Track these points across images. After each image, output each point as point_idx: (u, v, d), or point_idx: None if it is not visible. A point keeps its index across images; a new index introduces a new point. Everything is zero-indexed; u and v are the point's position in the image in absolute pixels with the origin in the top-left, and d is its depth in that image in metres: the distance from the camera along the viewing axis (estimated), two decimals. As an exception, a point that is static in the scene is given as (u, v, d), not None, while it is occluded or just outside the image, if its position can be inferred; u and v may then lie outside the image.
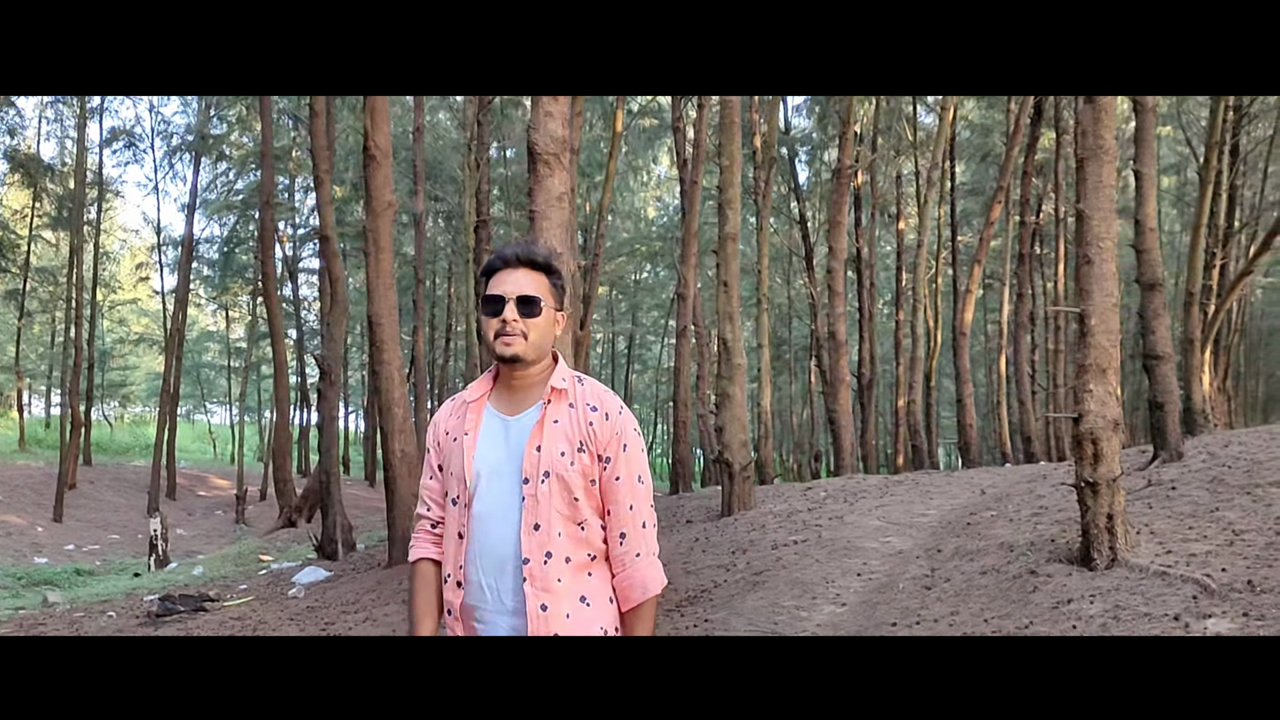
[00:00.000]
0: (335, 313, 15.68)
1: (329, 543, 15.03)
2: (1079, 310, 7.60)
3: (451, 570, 2.66)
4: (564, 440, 2.61)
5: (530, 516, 2.57)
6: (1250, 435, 11.42)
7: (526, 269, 2.68)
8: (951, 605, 7.55)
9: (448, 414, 2.79)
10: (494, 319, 2.64)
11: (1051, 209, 27.00)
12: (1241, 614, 6.03)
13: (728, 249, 12.36)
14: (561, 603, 2.57)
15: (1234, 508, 8.26)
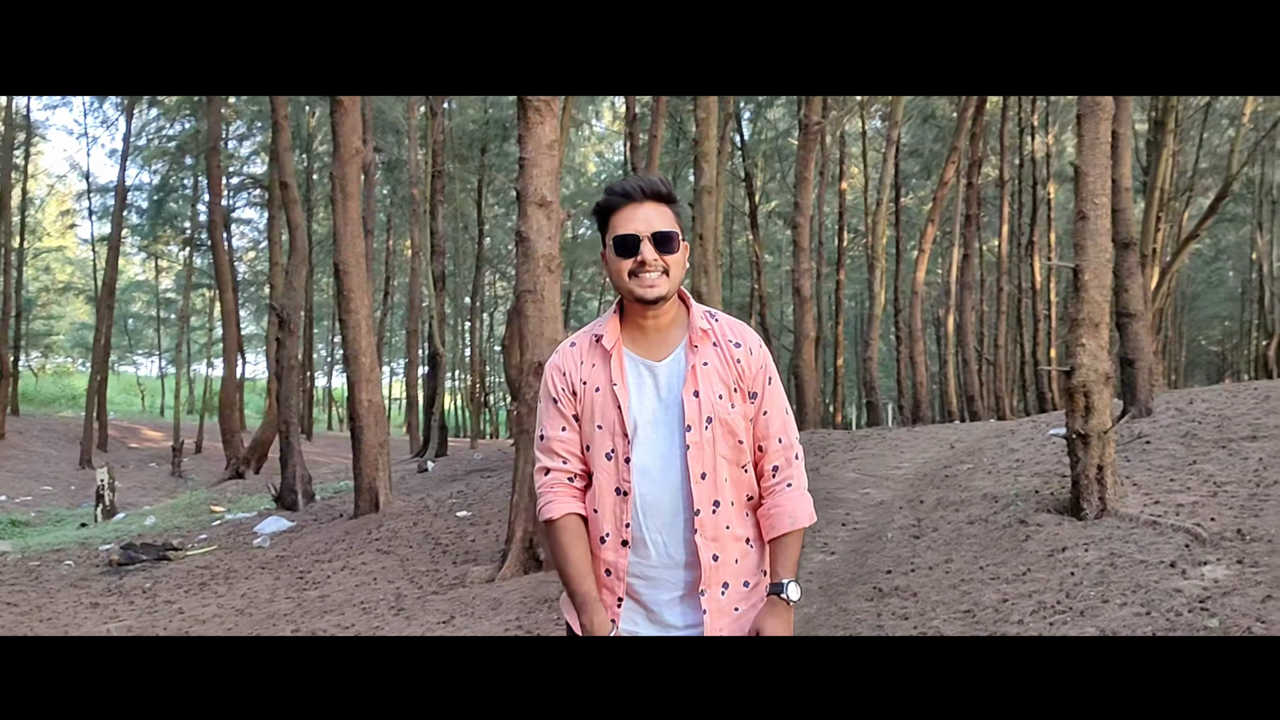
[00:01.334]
0: (294, 261, 15.48)
1: (288, 493, 14.92)
2: (1074, 265, 7.75)
3: (613, 529, 2.49)
4: (719, 382, 2.49)
5: (696, 465, 2.45)
6: (1211, 393, 11.74)
7: (653, 202, 2.51)
8: (943, 553, 7.70)
9: (576, 360, 2.56)
10: (628, 259, 2.46)
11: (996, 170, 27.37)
12: (1236, 561, 6.22)
13: (704, 202, 12.40)
14: (730, 549, 2.49)
15: (1211, 461, 8.50)
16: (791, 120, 30.26)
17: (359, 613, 8.59)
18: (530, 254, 8.86)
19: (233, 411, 22.99)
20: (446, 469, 19.06)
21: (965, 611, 6.36)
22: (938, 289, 33.96)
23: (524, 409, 8.93)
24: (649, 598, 2.51)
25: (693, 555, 2.46)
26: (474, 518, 11.94)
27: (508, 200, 40.66)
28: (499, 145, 33.59)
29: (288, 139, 15.85)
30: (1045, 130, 29.94)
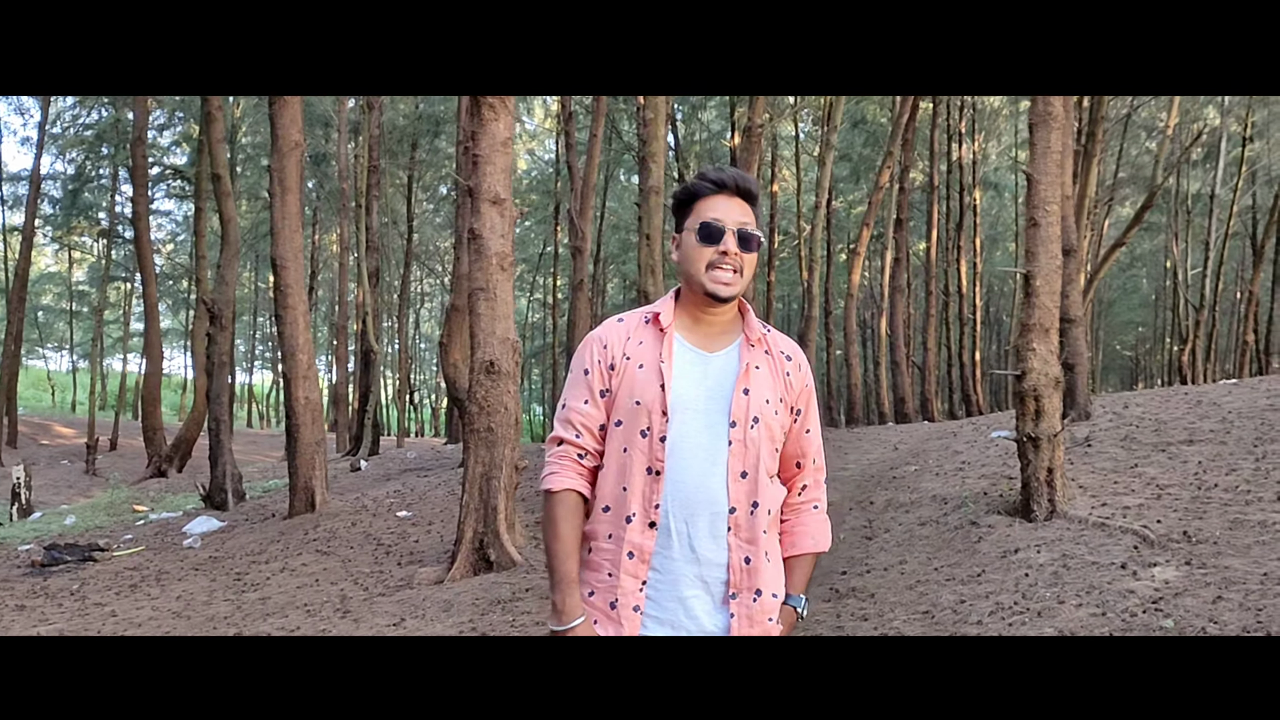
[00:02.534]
0: (227, 255, 15.17)
1: (218, 492, 14.64)
2: (1024, 271, 7.88)
3: (640, 510, 2.38)
4: (768, 388, 2.44)
5: (738, 463, 2.38)
6: (1144, 397, 12.00)
7: (743, 199, 2.46)
8: (897, 554, 7.79)
9: (622, 335, 2.49)
10: (710, 247, 2.40)
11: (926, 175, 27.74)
12: (1184, 562, 6.36)
13: (650, 202, 12.40)
14: (761, 555, 2.40)
15: (1151, 464, 8.69)
16: (724, 123, 30.40)
17: (303, 615, 8.44)
18: (483, 252, 8.79)
19: (156, 408, 22.49)
20: (379, 468, 18.86)
21: (924, 613, 6.42)
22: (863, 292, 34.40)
23: (475, 409, 8.86)
24: (664, 593, 2.39)
25: (715, 553, 2.38)
26: (415, 518, 11.82)
27: (437, 197, 40.42)
28: (430, 141, 33.36)
29: (221, 130, 15.58)
30: (972, 138, 30.43)
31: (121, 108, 28.00)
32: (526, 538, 9.43)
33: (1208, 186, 31.22)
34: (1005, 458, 9.94)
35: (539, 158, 45.33)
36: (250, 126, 31.23)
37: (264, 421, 61.16)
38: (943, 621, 6.19)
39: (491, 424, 8.82)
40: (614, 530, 2.40)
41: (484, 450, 8.85)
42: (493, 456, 8.84)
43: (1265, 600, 5.47)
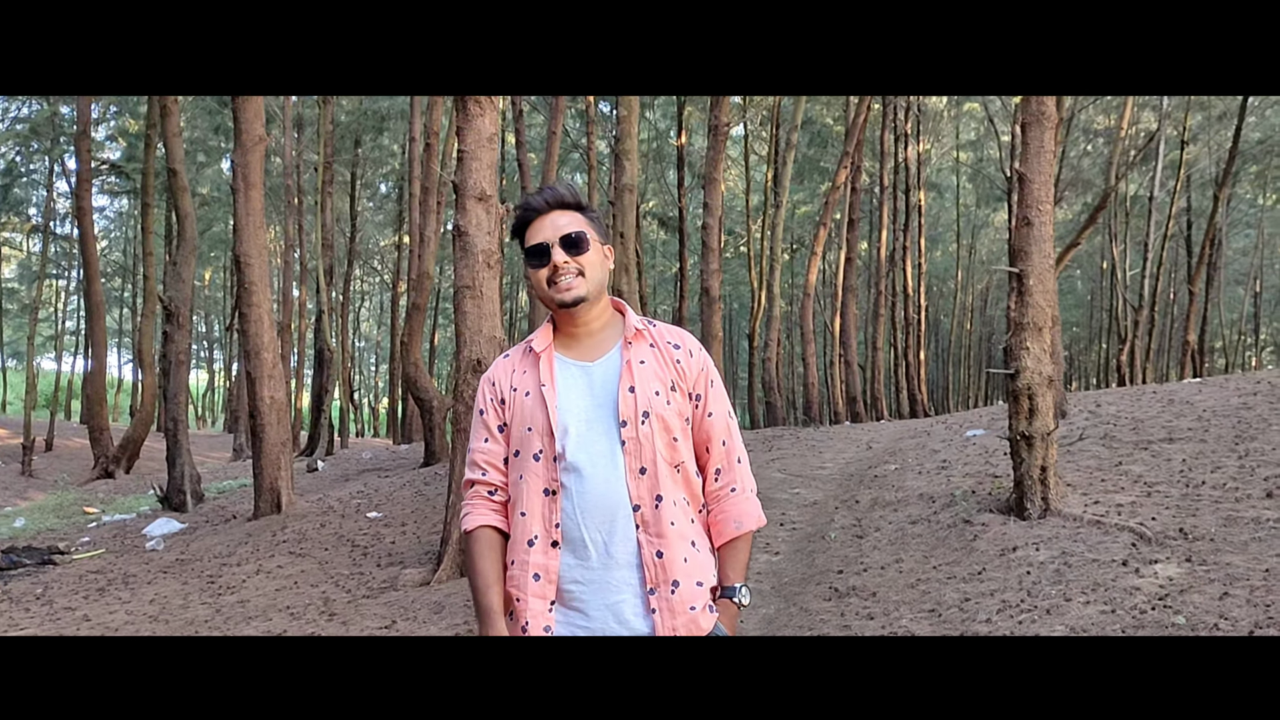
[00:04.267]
0: (183, 252, 14.91)
1: (176, 493, 14.37)
2: (1017, 270, 7.93)
3: (542, 531, 2.45)
4: (656, 379, 2.50)
5: (634, 461, 2.44)
6: (1115, 396, 12.16)
7: (559, 210, 2.57)
8: (891, 553, 7.80)
9: (508, 370, 2.60)
10: (542, 269, 2.51)
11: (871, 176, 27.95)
12: (1185, 559, 6.43)
13: (624, 200, 12.34)
14: (675, 547, 2.44)
15: (1136, 462, 8.79)
16: (670, 121, 30.40)
17: (287, 618, 8.29)
18: (469, 249, 8.70)
19: (102, 407, 22.00)
20: (337, 469, 18.62)
21: (930, 611, 6.44)
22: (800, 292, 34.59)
23: (461, 407, 8.75)
24: (590, 603, 2.44)
25: (633, 553, 2.43)
26: (386, 519, 11.67)
27: (379, 195, 40.07)
28: (374, 138, 33.03)
29: (178, 124, 15.29)
30: (917, 139, 30.71)
31: (56, 101, 27.37)
32: (513, 538, 9.34)
33: (1145, 189, 31.79)
34: (986, 456, 10.01)
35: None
36: (187, 121, 30.73)
37: (200, 421, 60.19)
38: (950, 620, 6.21)
39: (479, 424, 8.71)
40: (517, 556, 2.47)
41: (471, 450, 8.74)
42: (479, 456, 8.73)
43: (1272, 596, 5.53)
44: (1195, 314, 25.89)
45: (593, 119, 24.81)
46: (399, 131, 33.62)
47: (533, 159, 26.26)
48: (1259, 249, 41.84)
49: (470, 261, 8.70)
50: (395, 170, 36.84)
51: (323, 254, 21.52)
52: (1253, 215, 41.96)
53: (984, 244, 50.16)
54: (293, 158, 24.93)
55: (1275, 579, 5.78)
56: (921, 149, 30.93)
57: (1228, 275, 42.91)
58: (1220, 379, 12.56)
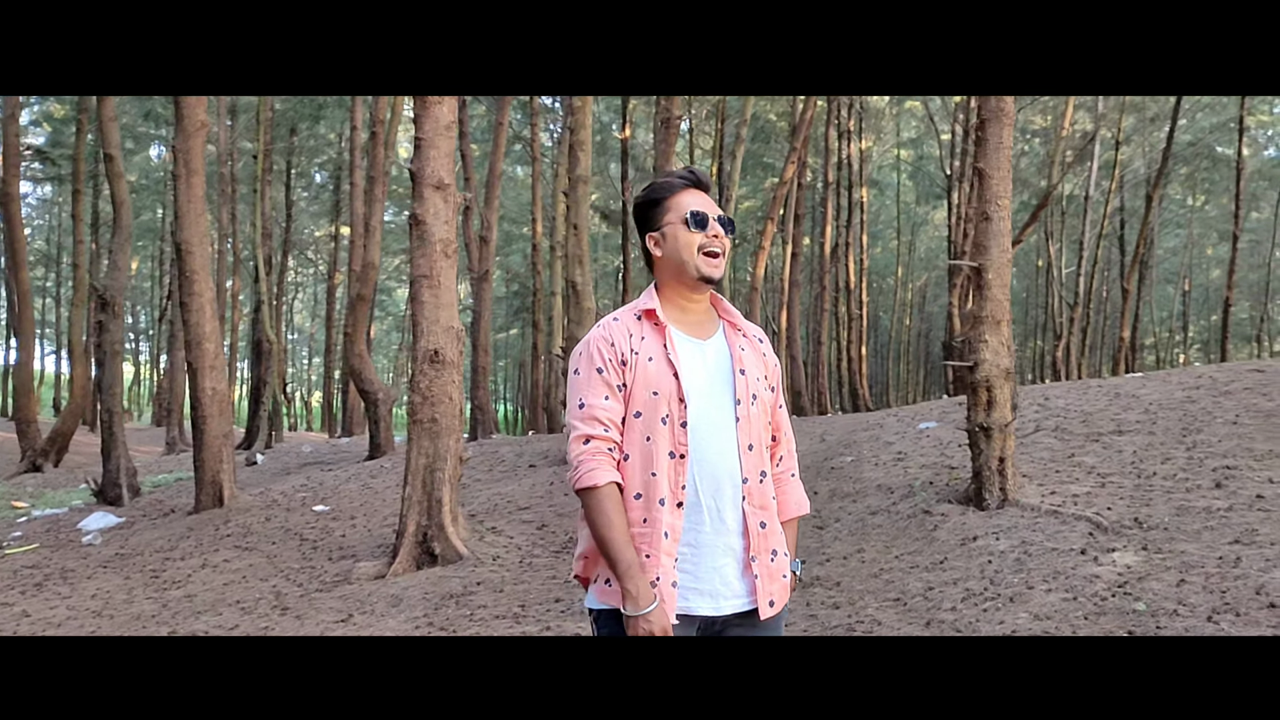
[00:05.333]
0: (119, 239, 14.58)
1: (112, 487, 14.05)
2: (976, 265, 7.99)
3: (669, 492, 2.54)
4: (757, 368, 2.68)
5: (744, 437, 2.59)
6: (1062, 389, 12.30)
7: (708, 194, 2.72)
8: (852, 543, 7.84)
9: (624, 332, 2.63)
10: (700, 232, 2.62)
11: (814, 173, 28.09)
12: (1141, 547, 6.53)
13: (579, 191, 12.26)
14: (773, 519, 2.64)
15: (1088, 454, 8.90)
16: (614, 114, 30.33)
17: (238, 613, 8.13)
18: (426, 238, 8.60)
19: (30, 399, 21.46)
20: (277, 462, 18.34)
21: (895, 600, 6.48)
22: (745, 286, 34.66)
23: (418, 399, 8.65)
24: (700, 565, 2.55)
25: (739, 521, 2.58)
26: (334, 512, 11.51)
27: (314, 185, 39.55)
28: (310, 126, 32.59)
29: (113, 108, 14.94)
30: (860, 136, 30.95)
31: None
32: (470, 530, 9.25)
33: (1080, 189, 32.31)
34: (941, 448, 10.08)
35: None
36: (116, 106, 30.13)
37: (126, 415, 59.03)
38: (916, 608, 6.25)
39: (436, 414, 8.63)
40: (648, 514, 2.54)
41: (427, 441, 8.66)
42: (437, 448, 8.66)
43: (1227, 583, 5.64)
44: (1129, 311, 26.36)
45: (536, 111, 24.70)
46: (336, 119, 33.20)
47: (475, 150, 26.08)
48: (1189, 249, 42.73)
49: (427, 251, 8.61)
50: (332, 159, 36.39)
51: (262, 243, 21.18)
52: (1183, 216, 42.87)
53: (923, 241, 50.74)
54: (227, 145, 24.53)
55: (1228, 566, 5.90)
56: (864, 146, 31.18)
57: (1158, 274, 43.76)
58: (1163, 374, 12.76)
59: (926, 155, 40.01)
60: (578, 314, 12.53)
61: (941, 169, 31.99)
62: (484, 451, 15.33)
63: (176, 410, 24.47)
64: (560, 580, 7.98)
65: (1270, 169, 39.38)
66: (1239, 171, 25.39)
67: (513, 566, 8.52)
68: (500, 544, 9.20)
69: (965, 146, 24.43)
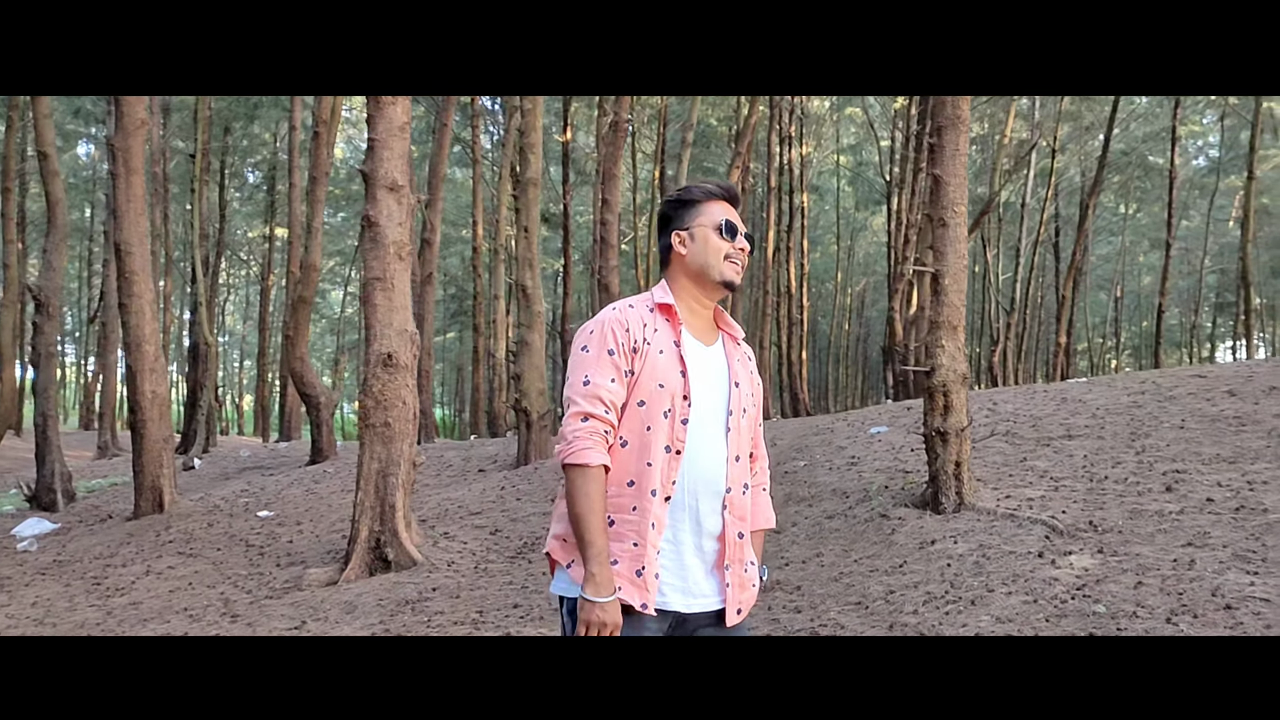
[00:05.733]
0: (54, 239, 14.28)
1: (46, 492, 13.75)
2: (933, 270, 8.04)
3: (660, 485, 2.56)
4: (748, 382, 2.75)
5: (733, 448, 2.64)
6: (1009, 394, 12.44)
7: (737, 209, 2.82)
8: (811, 547, 7.86)
9: (639, 320, 2.66)
10: (729, 241, 2.71)
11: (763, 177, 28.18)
12: (1097, 550, 6.60)
13: (529, 194, 12.19)
14: (745, 531, 2.69)
15: (1040, 458, 9.00)
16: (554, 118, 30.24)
17: (187, 620, 7.97)
18: (380, 240, 8.51)
19: (-46, 404, 20.92)
20: (215, 467, 18.05)
21: (856, 603, 6.49)
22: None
23: (371, 403, 8.54)
24: (674, 560, 2.59)
25: (717, 528, 2.62)
26: (279, 518, 11.34)
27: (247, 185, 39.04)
28: (245, 125, 32.19)
29: (47, 106, 14.64)
30: (800, 142, 31.13)
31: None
32: (423, 536, 9.15)
33: (1017, 196, 32.77)
34: (894, 453, 10.15)
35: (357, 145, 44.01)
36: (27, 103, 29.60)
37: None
38: (878, 612, 6.26)
39: (389, 419, 8.53)
40: (638, 503, 2.56)
41: (380, 446, 8.55)
42: (390, 452, 8.56)
43: (1183, 585, 5.71)
44: (1065, 317, 26.75)
45: (478, 113, 24.58)
46: (271, 119, 32.84)
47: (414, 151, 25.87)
48: (1122, 256, 43.46)
49: (381, 253, 8.51)
50: (267, 159, 35.95)
51: (199, 244, 20.85)
52: (1115, 223, 43.61)
53: (862, 246, 51.17)
54: (160, 144, 24.15)
55: (1183, 569, 5.98)
56: (804, 152, 31.37)
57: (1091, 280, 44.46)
58: (1107, 379, 12.94)
59: (865, 161, 40.39)
60: (528, 317, 12.48)
61: (881, 175, 32.29)
62: (429, 456, 15.20)
63: (108, 414, 24.01)
64: (517, 586, 7.92)
65: (1200, 178, 40.24)
66: (1171, 180, 25.85)
67: (468, 572, 8.44)
68: (454, 549, 9.11)
69: (905, 152, 24.65)
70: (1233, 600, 5.28)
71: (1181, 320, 49.76)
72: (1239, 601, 5.24)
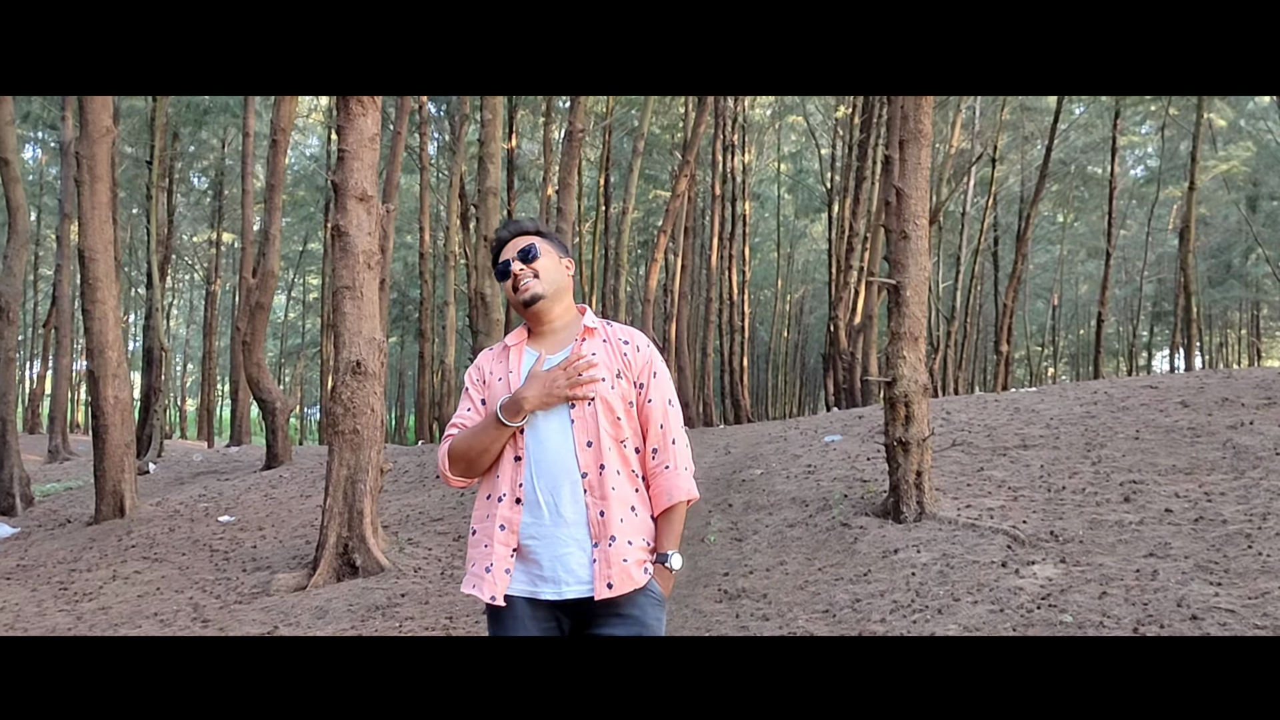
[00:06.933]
0: (15, 244, 14.20)
1: (5, 497, 13.63)
2: (894, 282, 8.22)
3: (508, 490, 2.87)
4: (602, 368, 2.92)
5: (581, 435, 2.86)
6: (960, 404, 12.65)
7: (519, 236, 3.12)
8: (774, 556, 7.97)
9: (490, 358, 3.10)
10: (506, 280, 3.05)
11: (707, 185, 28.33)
12: (1059, 560, 6.76)
13: (488, 204, 12.26)
14: (615, 508, 2.84)
15: (996, 468, 9.19)
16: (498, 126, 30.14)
17: (157, 625, 7.96)
18: (349, 250, 8.55)
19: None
20: (169, 471, 17.89)
21: (823, 611, 6.59)
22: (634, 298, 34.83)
23: (340, 410, 8.58)
24: (542, 554, 2.83)
25: (579, 513, 2.84)
26: (241, 523, 11.32)
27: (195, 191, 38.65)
28: (193, 132, 31.92)
29: (11, 111, 14.51)
30: (743, 150, 31.33)
31: None
32: (390, 542, 9.19)
33: (957, 205, 33.20)
34: (850, 461, 10.31)
35: (303, 151, 43.80)
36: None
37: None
38: (845, 620, 6.37)
39: (358, 425, 8.58)
40: (489, 510, 2.91)
41: (349, 453, 8.59)
42: (358, 459, 8.61)
43: (1147, 595, 5.82)
44: (1006, 325, 27.10)
45: (425, 120, 24.51)
46: (218, 125, 32.63)
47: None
48: (1060, 265, 44.08)
49: (350, 262, 8.56)
50: (214, 164, 35.65)
51: (156, 249, 20.68)
52: (1054, 232, 44.21)
53: (801, 254, 51.47)
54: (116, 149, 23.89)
55: (1147, 579, 6.10)
56: (747, 160, 31.58)
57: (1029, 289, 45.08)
58: (1059, 388, 13.20)
59: (805, 169, 40.67)
60: (486, 325, 12.57)
61: (822, 182, 32.56)
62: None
63: (60, 418, 23.73)
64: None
65: (1138, 188, 40.94)
66: (1111, 190, 26.30)
67: (435, 578, 8.49)
68: (420, 555, 9.16)
69: (849, 160, 24.91)
70: (1198, 611, 5.41)
71: (1119, 329, 50.60)
72: (1204, 612, 5.37)
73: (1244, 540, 6.59)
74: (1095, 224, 42.09)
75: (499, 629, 2.87)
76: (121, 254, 27.53)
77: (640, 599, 2.82)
